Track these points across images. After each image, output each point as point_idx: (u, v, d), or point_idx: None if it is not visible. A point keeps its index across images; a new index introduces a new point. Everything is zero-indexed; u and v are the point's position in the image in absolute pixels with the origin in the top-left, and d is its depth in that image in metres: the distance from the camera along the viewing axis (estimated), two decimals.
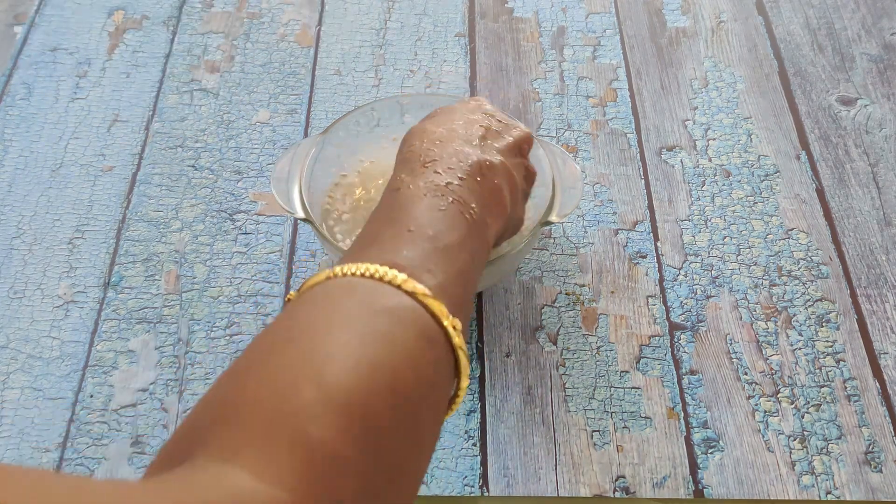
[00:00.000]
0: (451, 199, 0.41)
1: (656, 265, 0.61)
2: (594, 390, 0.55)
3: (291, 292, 0.47)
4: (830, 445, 0.53)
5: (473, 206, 0.41)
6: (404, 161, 0.44)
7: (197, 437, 0.29)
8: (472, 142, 0.45)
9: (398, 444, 0.31)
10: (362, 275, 0.35)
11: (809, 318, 0.58)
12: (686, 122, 0.69)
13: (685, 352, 0.56)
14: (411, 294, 0.35)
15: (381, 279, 0.35)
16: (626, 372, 0.55)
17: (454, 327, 0.35)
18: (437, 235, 0.38)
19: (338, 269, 0.36)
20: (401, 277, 0.35)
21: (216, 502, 0.26)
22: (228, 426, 0.29)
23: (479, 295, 0.59)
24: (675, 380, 0.55)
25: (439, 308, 0.35)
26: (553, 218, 0.52)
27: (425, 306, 0.35)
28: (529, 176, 0.49)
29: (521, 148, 0.49)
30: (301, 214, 0.52)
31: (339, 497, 0.28)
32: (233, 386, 0.31)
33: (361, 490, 0.29)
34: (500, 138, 0.47)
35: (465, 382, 0.36)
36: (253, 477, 0.27)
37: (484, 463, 0.52)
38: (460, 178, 0.42)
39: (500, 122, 0.49)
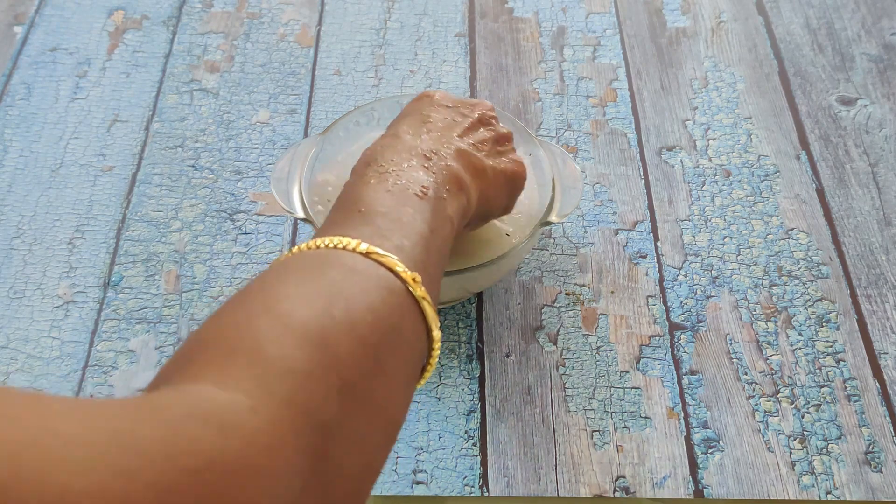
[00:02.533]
0: (396, 181, 0.42)
1: (656, 265, 0.61)
2: (594, 390, 0.55)
3: None
4: (830, 445, 0.53)
5: (424, 185, 0.42)
6: (353, 171, 0.45)
7: (160, 379, 0.30)
8: (416, 137, 0.46)
9: (361, 374, 0.31)
10: (316, 247, 0.36)
11: (809, 318, 0.58)
12: (686, 122, 0.69)
13: (685, 352, 0.56)
14: (365, 255, 0.36)
15: (334, 247, 0.36)
16: (626, 372, 0.55)
17: (414, 279, 0.36)
18: (388, 212, 0.39)
19: (294, 249, 0.37)
20: (354, 242, 0.36)
21: (176, 403, 0.26)
22: (191, 360, 0.30)
23: (479, 295, 0.59)
24: (675, 380, 0.55)
25: (394, 263, 0.35)
26: (553, 218, 0.52)
27: (381, 264, 0.35)
28: (500, 139, 0.50)
29: (482, 120, 0.50)
30: (301, 214, 0.52)
31: (304, 407, 0.28)
32: (194, 335, 0.32)
33: (328, 409, 0.29)
34: (451, 125, 0.48)
35: (436, 333, 0.37)
36: (213, 386, 0.27)
37: (484, 463, 0.52)
38: (406, 166, 0.43)
39: (450, 107, 0.50)
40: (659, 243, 0.62)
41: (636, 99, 0.71)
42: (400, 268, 0.36)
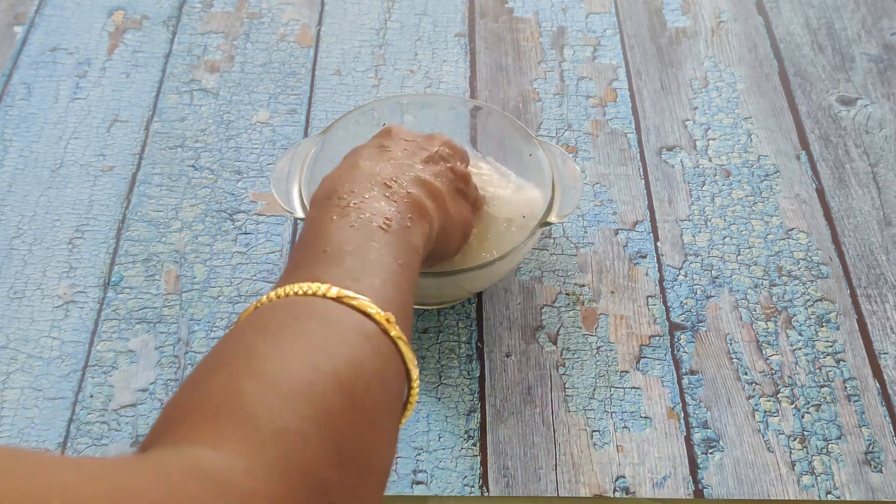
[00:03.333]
0: (359, 215, 0.41)
1: (656, 265, 0.61)
2: (594, 390, 0.55)
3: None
4: (830, 445, 0.53)
5: (387, 216, 0.42)
6: (313, 203, 0.45)
7: (149, 444, 0.30)
8: (376, 165, 0.46)
9: (351, 426, 0.31)
10: (286, 294, 0.36)
11: (809, 318, 0.58)
12: (686, 122, 0.69)
13: (685, 352, 0.56)
14: (336, 299, 0.35)
15: (304, 294, 0.35)
16: (626, 372, 0.55)
17: (388, 320, 0.35)
18: (354, 250, 0.39)
19: (263, 298, 0.36)
20: (324, 287, 0.35)
21: (175, 462, 0.26)
22: (179, 423, 0.30)
23: (479, 295, 0.59)
24: (675, 380, 0.55)
25: (366, 306, 0.35)
26: (553, 218, 0.52)
27: (353, 307, 0.35)
28: (458, 177, 0.50)
29: (441, 156, 0.49)
30: (300, 214, 0.52)
31: (298, 466, 0.28)
32: (177, 399, 0.32)
33: (324, 463, 0.29)
34: (411, 155, 0.48)
35: (415, 373, 0.37)
36: (207, 448, 0.27)
37: (484, 463, 0.52)
38: (366, 197, 0.43)
39: (409, 140, 0.49)
40: (659, 243, 0.62)
41: (636, 99, 0.71)
42: (373, 310, 0.35)
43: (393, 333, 0.35)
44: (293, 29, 0.76)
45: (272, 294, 0.36)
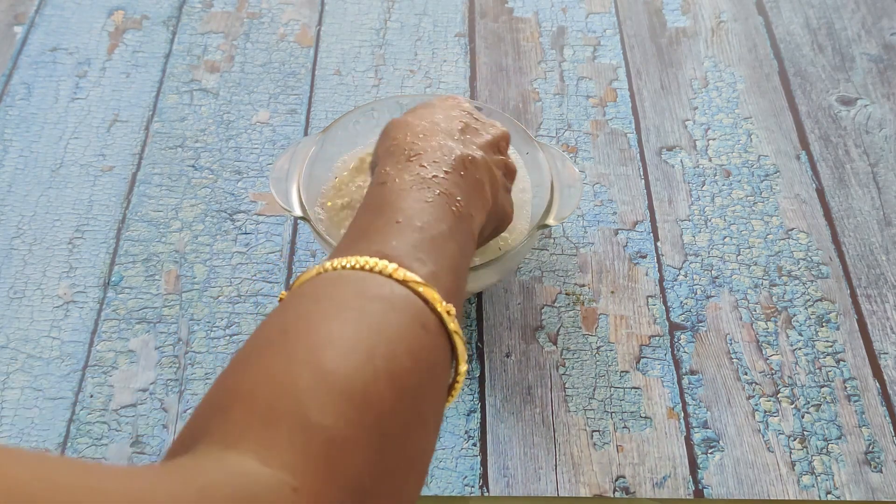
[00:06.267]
0: (437, 191, 0.41)
1: (656, 265, 0.61)
2: (594, 390, 0.55)
3: (283, 291, 0.47)
4: (830, 445, 0.53)
5: (459, 198, 0.41)
6: (388, 154, 0.44)
7: (198, 430, 0.29)
8: (453, 136, 0.45)
9: (401, 427, 0.31)
10: (352, 267, 0.35)
11: (809, 318, 0.58)
12: (686, 122, 0.69)
13: (685, 352, 0.56)
14: (402, 282, 0.35)
15: (371, 270, 0.35)
16: (626, 372, 0.55)
17: (448, 312, 0.35)
18: (424, 226, 0.39)
19: (328, 265, 0.36)
20: (391, 267, 0.35)
21: (222, 484, 0.26)
22: (228, 415, 0.29)
23: (479, 295, 0.59)
24: (675, 380, 0.55)
25: (432, 294, 0.35)
26: (550, 221, 0.52)
27: (417, 294, 0.35)
28: (510, 172, 0.50)
29: (500, 145, 0.49)
30: (299, 213, 0.52)
31: (344, 478, 0.28)
32: (231, 379, 0.31)
33: (368, 472, 0.29)
34: (479, 135, 0.47)
35: (463, 367, 0.37)
36: (256, 460, 0.27)
37: (484, 463, 0.52)
38: (445, 172, 0.42)
39: (476, 119, 0.49)
40: (659, 243, 0.62)
41: (636, 99, 0.71)
42: (436, 298, 0.35)
43: (451, 327, 0.35)
44: (293, 29, 0.76)
45: (336, 263, 0.35)
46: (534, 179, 0.56)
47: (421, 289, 0.35)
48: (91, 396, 0.54)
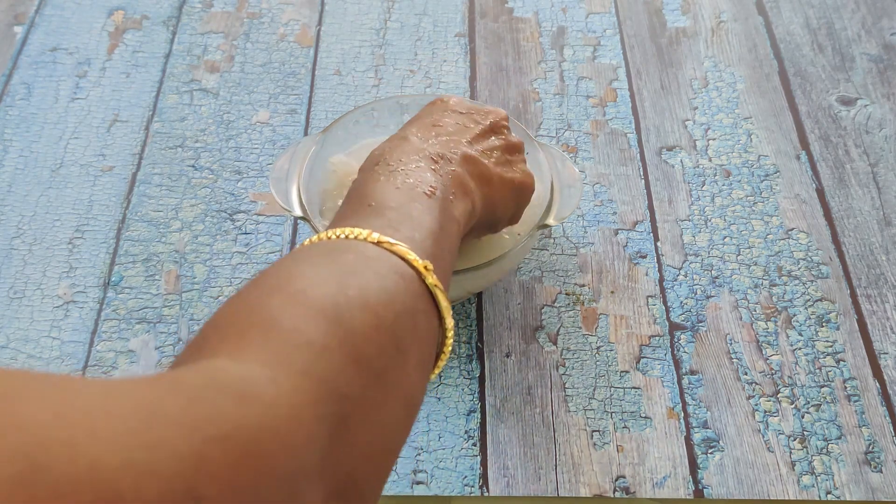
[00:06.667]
0: (405, 179, 0.42)
1: (656, 265, 0.61)
2: (594, 390, 0.55)
3: None
4: (830, 445, 0.53)
5: (432, 185, 0.42)
6: (360, 171, 0.46)
7: (178, 362, 0.30)
8: (425, 141, 0.46)
9: (376, 351, 0.32)
10: (328, 237, 0.37)
11: (809, 318, 0.58)
12: (686, 122, 0.69)
13: (685, 352, 0.56)
14: (377, 243, 0.36)
15: (346, 237, 0.36)
16: (626, 372, 0.55)
17: (426, 268, 0.36)
18: (398, 206, 0.40)
19: (306, 241, 0.37)
20: (365, 233, 0.36)
21: (194, 376, 0.26)
22: (206, 340, 0.30)
23: (479, 295, 0.59)
24: (675, 380, 0.55)
25: (405, 251, 0.36)
26: (550, 221, 0.52)
27: (393, 252, 0.36)
28: (511, 147, 0.50)
29: (495, 129, 0.50)
30: (298, 212, 0.52)
31: (321, 378, 0.29)
32: (210, 320, 0.33)
33: (345, 380, 0.30)
34: (467, 131, 0.48)
35: (449, 322, 0.37)
36: (230, 360, 0.28)
37: (484, 463, 0.52)
38: (414, 167, 0.44)
39: (462, 113, 0.50)
40: (659, 243, 0.62)
41: (636, 99, 0.71)
42: (412, 256, 0.36)
43: (429, 281, 0.36)
44: (293, 29, 0.76)
45: (314, 238, 0.37)
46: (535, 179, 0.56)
47: (395, 248, 0.36)
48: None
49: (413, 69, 0.73)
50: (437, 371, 0.38)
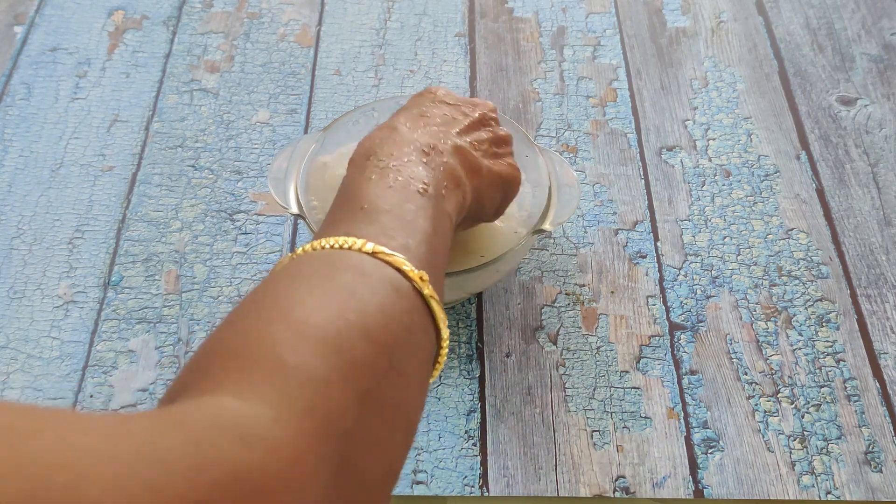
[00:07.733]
0: (397, 177, 0.42)
1: (656, 265, 0.61)
2: (594, 390, 0.55)
3: None
4: (830, 445, 0.53)
5: (425, 181, 0.42)
6: (350, 163, 0.45)
7: (175, 391, 0.30)
8: (414, 131, 0.46)
9: (377, 378, 0.31)
10: (322, 247, 0.36)
11: (809, 318, 0.58)
12: (686, 122, 0.69)
13: (685, 352, 0.56)
14: (372, 254, 0.35)
15: (340, 247, 0.36)
16: (626, 372, 0.55)
17: (421, 278, 0.36)
18: (391, 209, 0.39)
19: (298, 250, 0.37)
20: (359, 242, 0.36)
21: (199, 416, 0.26)
22: (207, 371, 0.30)
23: (479, 295, 0.59)
24: (675, 380, 0.55)
25: (401, 262, 0.35)
26: (546, 226, 0.52)
27: (387, 263, 0.35)
28: (499, 140, 0.50)
29: (483, 121, 0.49)
30: (295, 210, 0.52)
31: (324, 415, 0.28)
32: (207, 343, 0.32)
33: (348, 414, 0.29)
34: (455, 123, 0.48)
35: (445, 332, 0.37)
36: (234, 398, 0.27)
37: (484, 463, 0.52)
38: (406, 160, 0.43)
39: (450, 104, 0.49)
40: (659, 243, 0.62)
41: (636, 99, 0.71)
42: (407, 267, 0.35)
43: (425, 292, 0.36)
44: (293, 29, 0.76)
45: (307, 247, 0.36)
46: (532, 182, 0.56)
47: (390, 258, 0.35)
48: (91, 396, 0.54)
49: (413, 69, 0.73)
50: (431, 380, 0.38)
